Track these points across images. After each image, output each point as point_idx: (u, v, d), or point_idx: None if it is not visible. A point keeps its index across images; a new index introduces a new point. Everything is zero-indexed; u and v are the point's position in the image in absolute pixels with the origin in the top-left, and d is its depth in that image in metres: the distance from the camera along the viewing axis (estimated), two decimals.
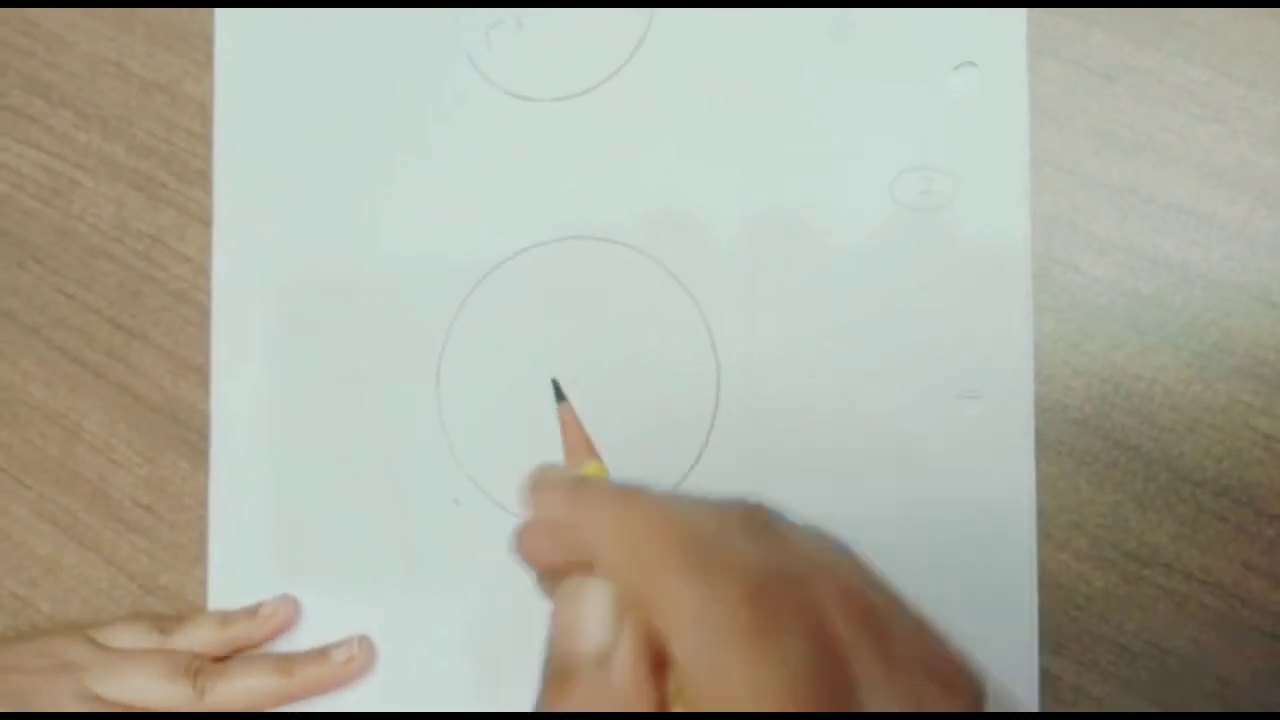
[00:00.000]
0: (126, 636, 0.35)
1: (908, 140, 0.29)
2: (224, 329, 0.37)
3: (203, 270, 0.37)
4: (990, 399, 0.28)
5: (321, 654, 0.34)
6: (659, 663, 0.18)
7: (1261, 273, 0.27)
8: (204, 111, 0.38)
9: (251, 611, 0.35)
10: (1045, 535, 0.28)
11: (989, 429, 0.28)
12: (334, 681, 0.34)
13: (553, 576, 0.21)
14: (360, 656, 0.34)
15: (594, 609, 0.19)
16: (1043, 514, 0.28)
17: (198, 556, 0.36)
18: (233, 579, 0.36)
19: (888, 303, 0.29)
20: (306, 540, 0.35)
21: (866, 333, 0.28)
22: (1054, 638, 0.28)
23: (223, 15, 0.37)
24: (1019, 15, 0.28)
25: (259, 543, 0.36)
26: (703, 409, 0.30)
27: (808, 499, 0.29)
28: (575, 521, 0.20)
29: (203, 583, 0.36)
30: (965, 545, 0.28)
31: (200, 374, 0.37)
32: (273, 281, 0.36)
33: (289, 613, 0.35)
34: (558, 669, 0.19)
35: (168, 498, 0.37)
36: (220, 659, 0.35)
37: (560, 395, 0.24)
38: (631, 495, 0.20)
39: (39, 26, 0.40)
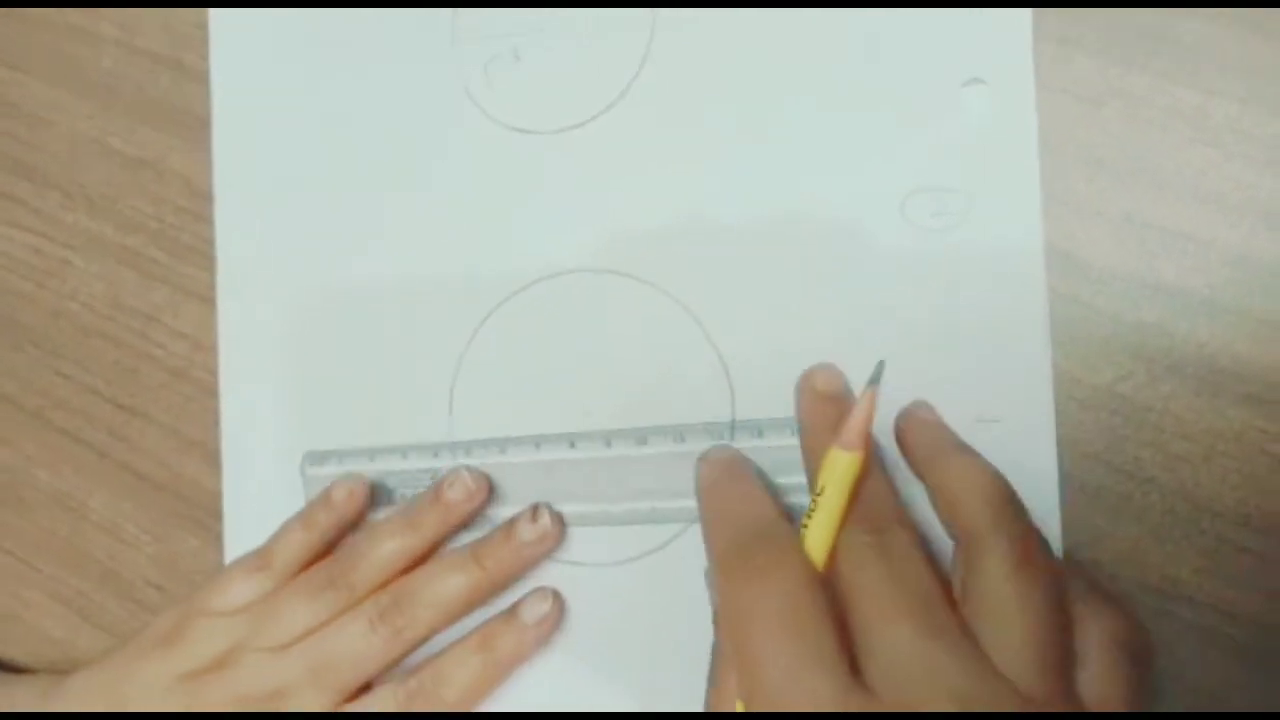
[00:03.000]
0: (239, 589, 0.32)
1: (917, 160, 0.29)
2: (232, 377, 0.36)
3: (199, 346, 0.37)
4: (1010, 421, 0.28)
5: (511, 617, 0.31)
6: None
7: (1267, 296, 0.26)
8: (191, 186, 0.37)
9: (326, 499, 0.33)
10: None
11: (1010, 452, 0.27)
12: (529, 649, 0.31)
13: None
14: (553, 613, 0.31)
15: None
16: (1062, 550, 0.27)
17: None
18: None
19: (903, 325, 0.29)
20: None
21: (882, 355, 0.27)
22: None
23: (218, 53, 0.37)
24: (1024, 25, 0.28)
25: None
26: (718, 437, 0.30)
27: None
28: None
29: None
30: None
31: (203, 449, 0.37)
32: (278, 323, 0.36)
33: (351, 484, 0.33)
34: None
35: (178, 575, 0.37)
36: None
37: (876, 379, 0.24)
38: None
39: (18, 107, 0.40)
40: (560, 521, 0.31)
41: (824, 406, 0.27)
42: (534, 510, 0.31)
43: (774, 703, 0.21)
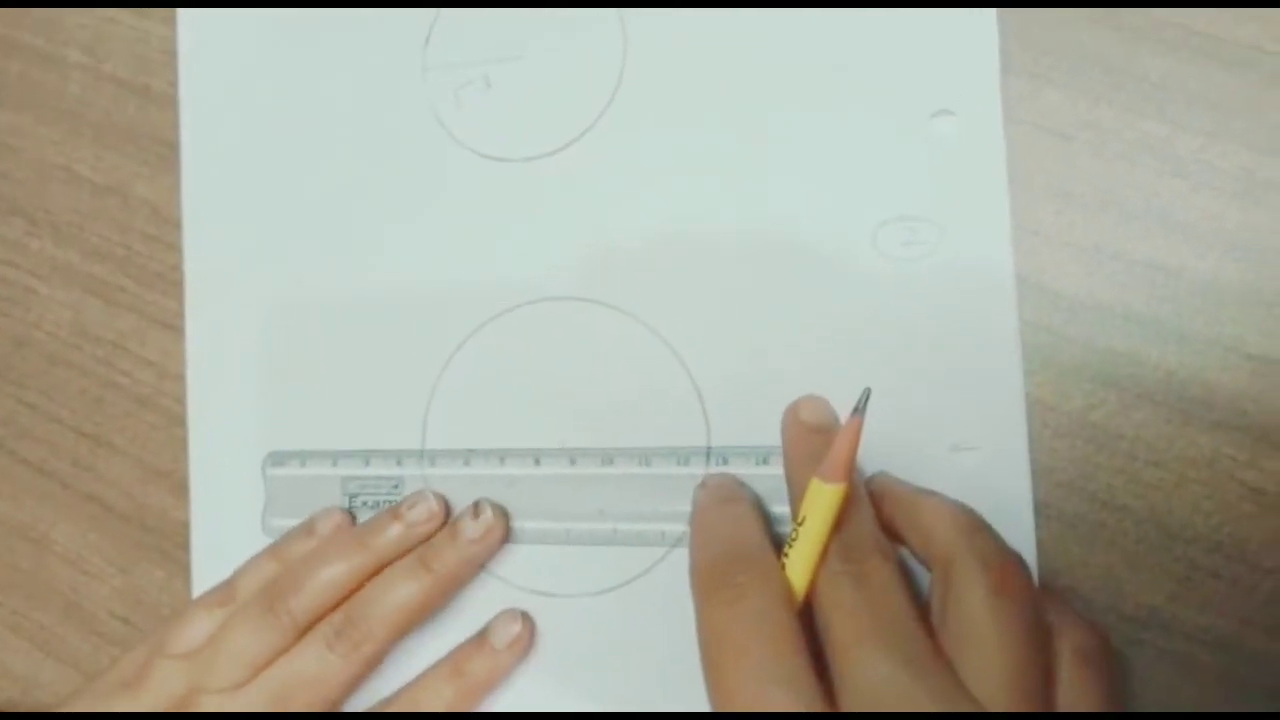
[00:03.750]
0: (199, 627, 0.31)
1: (888, 191, 0.29)
2: (200, 403, 0.36)
3: (166, 374, 0.36)
4: (985, 450, 0.28)
5: (481, 642, 0.31)
6: None
7: (1235, 324, 0.26)
8: (158, 214, 0.37)
9: (309, 529, 0.32)
10: None
11: (986, 480, 0.28)
12: (501, 673, 0.31)
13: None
14: (524, 635, 0.31)
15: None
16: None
17: None
18: None
19: (876, 355, 0.29)
20: None
21: (855, 388, 0.27)
22: None
23: (186, 78, 0.37)
24: (991, 56, 0.28)
25: None
26: (695, 468, 0.30)
27: None
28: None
29: None
30: None
31: (169, 480, 0.36)
32: (247, 347, 0.35)
33: (338, 517, 0.32)
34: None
35: (144, 608, 0.36)
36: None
37: (860, 409, 0.24)
38: None
39: None
40: (504, 516, 0.31)
41: (809, 437, 0.27)
42: (475, 507, 0.31)
43: None
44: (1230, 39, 0.27)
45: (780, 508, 0.29)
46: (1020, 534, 0.27)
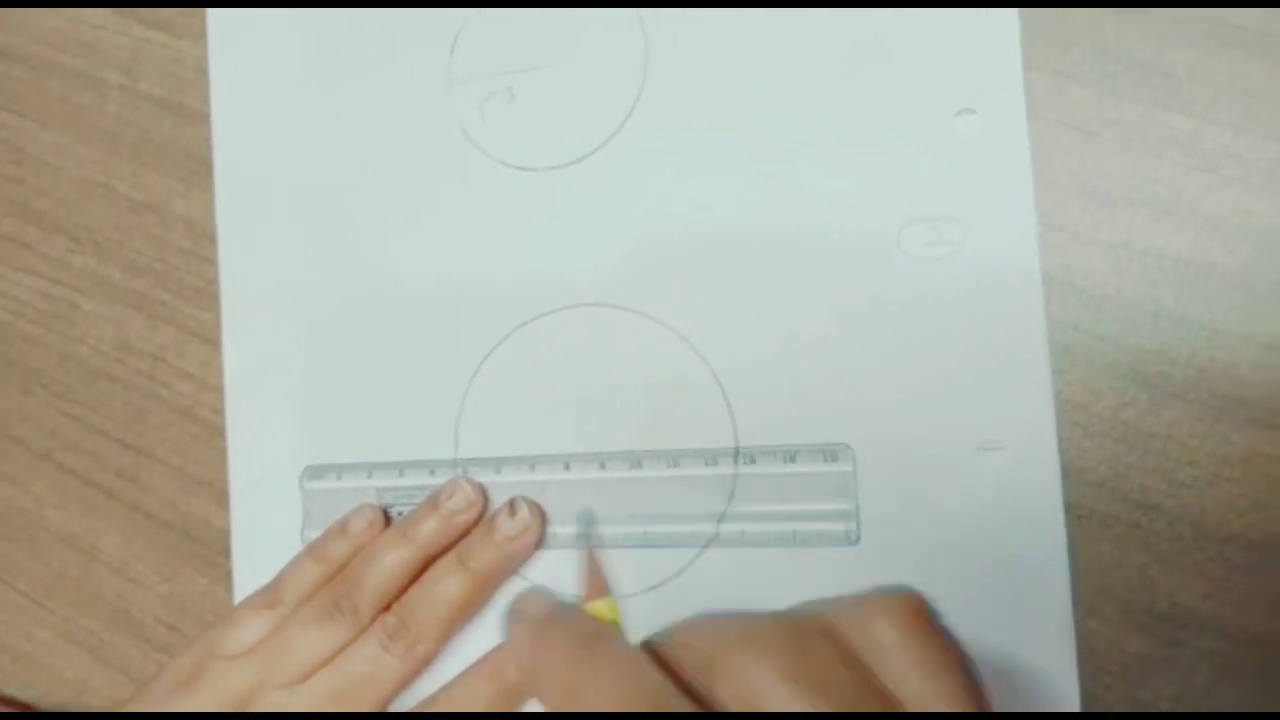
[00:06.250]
0: (250, 629, 0.32)
1: (912, 191, 0.29)
2: (238, 414, 0.36)
3: (205, 386, 0.37)
4: (1013, 450, 0.28)
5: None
6: None
7: (1267, 320, 0.26)
8: (194, 229, 0.38)
9: (342, 529, 0.33)
10: (1073, 602, 0.27)
11: (1014, 480, 0.27)
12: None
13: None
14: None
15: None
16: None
17: None
18: None
19: (903, 355, 0.29)
20: None
21: (882, 388, 0.27)
22: (1092, 707, 0.27)
23: (218, 96, 0.37)
24: (1014, 54, 0.28)
25: None
26: (723, 468, 0.30)
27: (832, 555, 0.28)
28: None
29: None
30: (996, 605, 0.27)
31: (210, 489, 0.37)
32: (283, 358, 0.36)
33: (371, 514, 0.33)
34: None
35: (189, 615, 0.37)
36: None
37: (588, 533, 0.24)
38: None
39: (24, 153, 0.41)
40: (540, 514, 0.32)
41: (528, 627, 0.26)
42: (511, 504, 0.31)
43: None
44: (1257, 29, 0.26)
45: (782, 505, 0.29)
46: (1049, 534, 0.27)
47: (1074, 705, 0.27)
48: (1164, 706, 0.26)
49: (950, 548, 0.28)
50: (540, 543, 0.32)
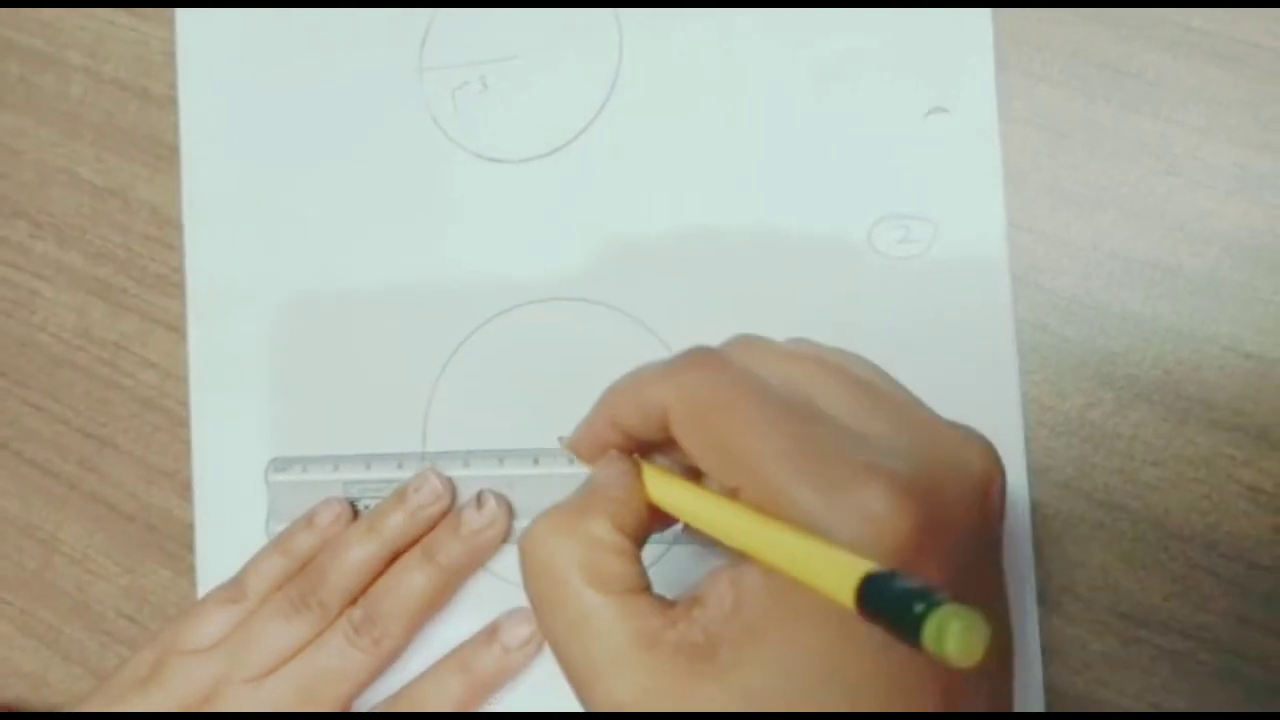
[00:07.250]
0: (214, 622, 0.31)
1: (883, 188, 0.29)
2: (202, 403, 0.36)
3: (169, 375, 0.37)
4: None
5: (489, 639, 0.31)
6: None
7: (1232, 323, 0.26)
8: (158, 215, 0.37)
9: (309, 522, 0.32)
10: (1037, 599, 0.27)
11: None
12: (510, 672, 0.31)
13: None
14: (535, 636, 0.30)
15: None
16: None
17: None
18: None
19: (871, 352, 0.28)
20: None
21: None
22: (1054, 704, 0.27)
23: (186, 80, 0.37)
24: (986, 54, 0.28)
25: None
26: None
27: None
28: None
29: None
30: None
31: (174, 480, 0.36)
32: (248, 347, 0.35)
33: (338, 507, 0.32)
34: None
35: (150, 607, 0.37)
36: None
37: None
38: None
39: None
40: (508, 507, 0.31)
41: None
42: (479, 497, 0.31)
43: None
44: (1226, 34, 0.27)
45: None
46: (1015, 532, 0.27)
47: (1039, 702, 0.27)
48: (1125, 704, 0.27)
49: None
50: (507, 537, 0.32)
